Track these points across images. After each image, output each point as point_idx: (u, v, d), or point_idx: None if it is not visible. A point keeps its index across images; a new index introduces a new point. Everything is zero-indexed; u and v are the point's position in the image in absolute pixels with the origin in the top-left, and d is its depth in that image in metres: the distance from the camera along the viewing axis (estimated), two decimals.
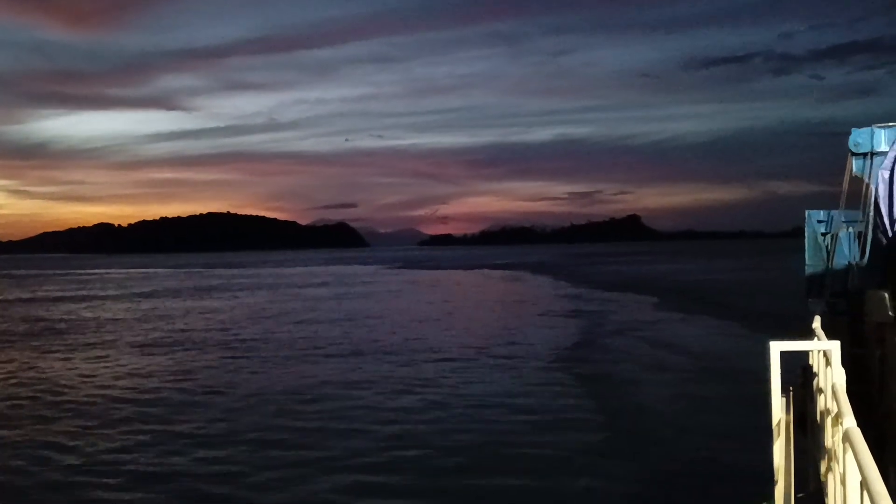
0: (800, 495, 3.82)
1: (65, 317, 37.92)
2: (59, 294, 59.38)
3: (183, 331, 29.84)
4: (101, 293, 59.46)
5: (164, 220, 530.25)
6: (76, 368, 20.87)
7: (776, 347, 3.59)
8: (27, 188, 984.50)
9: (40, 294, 59.98)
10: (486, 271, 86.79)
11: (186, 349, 24.30)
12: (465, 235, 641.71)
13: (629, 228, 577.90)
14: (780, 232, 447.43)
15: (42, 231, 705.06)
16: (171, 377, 19.01)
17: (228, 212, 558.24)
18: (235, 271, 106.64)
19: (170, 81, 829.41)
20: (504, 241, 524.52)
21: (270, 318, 34.81)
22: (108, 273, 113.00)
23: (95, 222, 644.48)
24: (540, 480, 9.96)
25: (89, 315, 38.44)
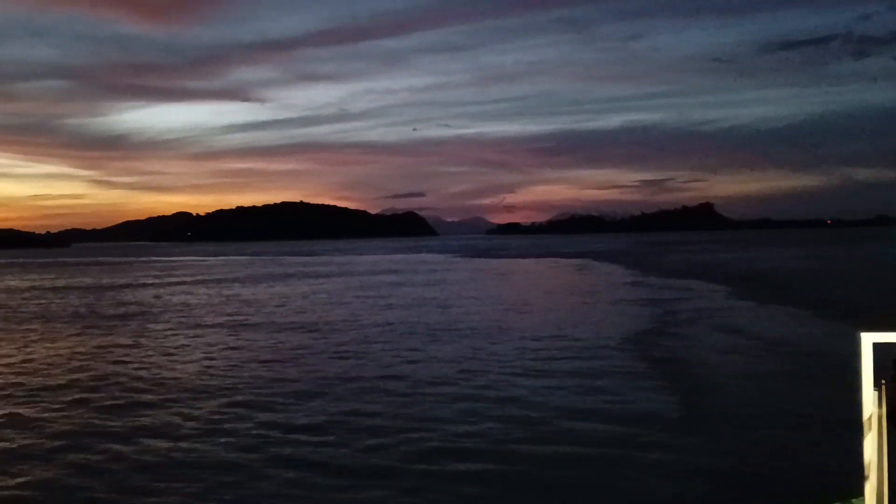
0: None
1: (154, 301, 40.17)
2: (147, 280, 62.49)
3: (267, 315, 31.31)
4: (186, 279, 62.29)
5: (239, 209, 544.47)
6: (171, 348, 22.40)
7: (868, 339, 3.38)
8: (109, 178, 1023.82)
9: (129, 280, 63.21)
10: (554, 260, 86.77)
11: (272, 332, 25.64)
12: (532, 224, 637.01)
13: (702, 217, 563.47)
14: (861, 220, 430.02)
15: (123, 220, 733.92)
16: (261, 357, 20.22)
17: (301, 201, 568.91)
18: (310, 259, 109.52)
19: (244, 73, 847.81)
20: (572, 229, 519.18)
21: (348, 303, 36.11)
22: (188, 260, 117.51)
23: (174, 211, 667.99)
24: (612, 451, 10.54)
25: (177, 300, 40.56)
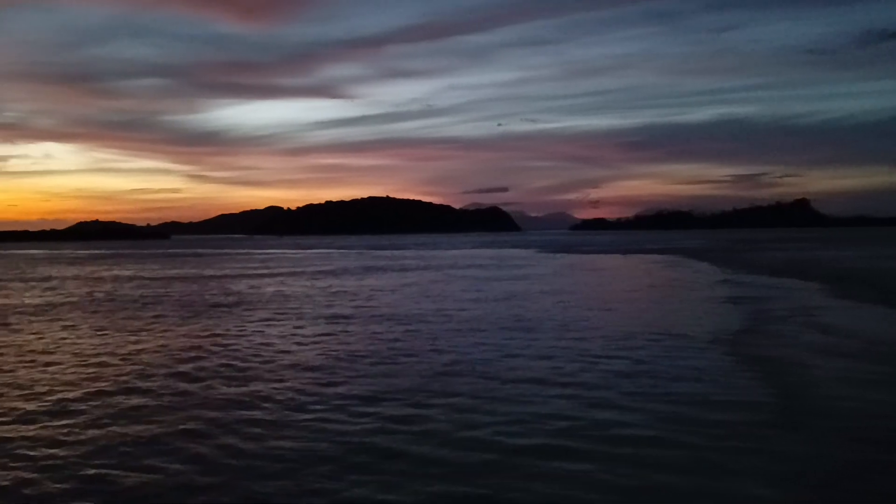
0: None
1: (252, 291, 42.14)
2: (244, 271, 65.29)
3: (359, 306, 32.47)
4: (281, 271, 64.76)
5: (328, 203, 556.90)
6: (272, 336, 23.70)
7: None
8: (205, 173, 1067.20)
9: (228, 271, 66.17)
10: (641, 256, 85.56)
11: (366, 323, 26.70)
12: (618, 220, 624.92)
13: (797, 213, 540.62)
14: None
15: (218, 213, 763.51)
16: (359, 345, 21.24)
17: (387, 196, 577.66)
18: (395, 252, 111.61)
19: (334, 70, 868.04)
20: (660, 225, 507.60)
21: (438, 295, 36.98)
22: (280, 253, 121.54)
23: (266, 205, 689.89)
24: (710, 455, 10.70)
25: (273, 290, 42.39)
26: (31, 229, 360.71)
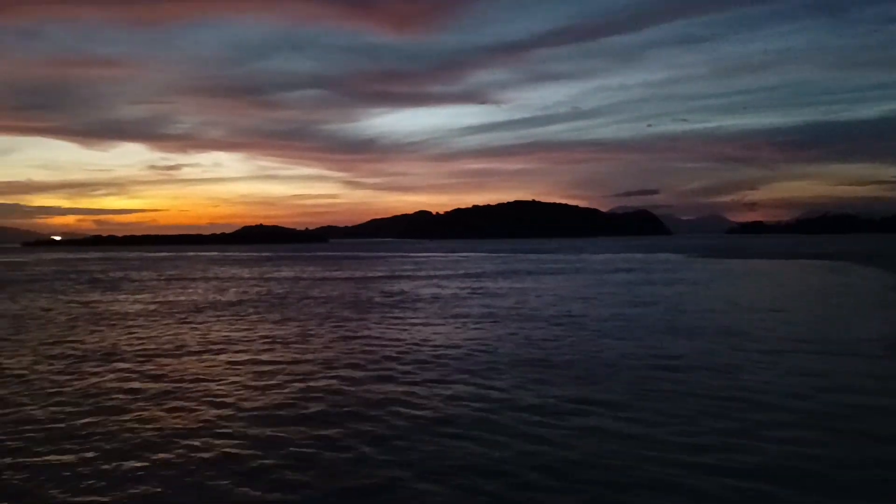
0: None
1: (409, 291, 44.42)
2: (399, 273, 68.39)
3: (513, 307, 33.66)
4: (434, 273, 67.31)
5: (475, 207, 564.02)
6: (438, 334, 25.36)
7: None
8: (358, 179, 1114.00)
9: (385, 273, 69.56)
10: (805, 261, 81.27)
11: (521, 322, 27.85)
12: (777, 223, 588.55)
13: None
14: None
15: (371, 218, 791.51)
16: (515, 345, 22.39)
17: (533, 200, 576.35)
18: (543, 256, 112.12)
19: (481, 76, 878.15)
20: (823, 229, 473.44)
21: (587, 298, 37.52)
22: (431, 256, 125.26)
23: (416, 210, 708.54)
24: (878, 453, 10.89)
25: (428, 291, 44.49)
26: (201, 233, 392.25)
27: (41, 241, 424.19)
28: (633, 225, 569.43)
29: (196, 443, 11.87)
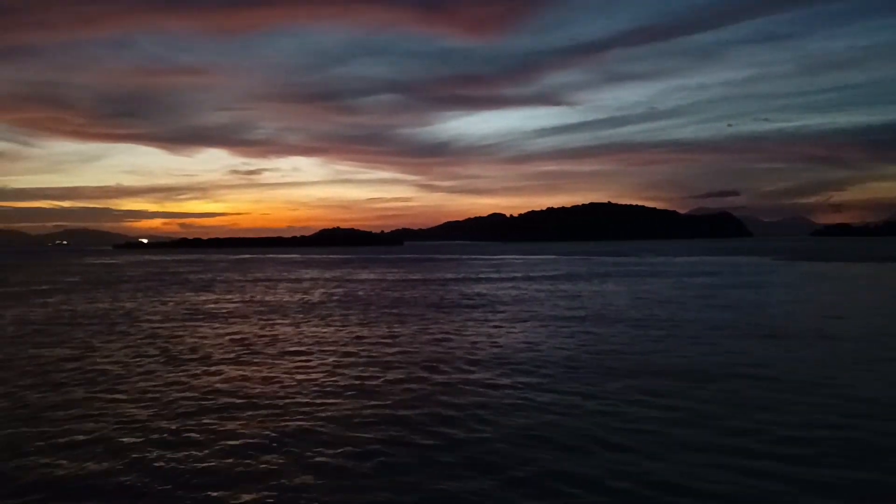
0: None
1: (488, 293, 44.86)
2: (476, 275, 68.92)
3: (594, 309, 33.72)
4: (510, 275, 67.58)
5: (549, 209, 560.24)
6: (515, 334, 25.76)
7: None
8: (432, 182, 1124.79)
9: (461, 275, 70.22)
10: (892, 265, 77.94)
11: (602, 323, 27.96)
12: (865, 225, 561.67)
13: None
14: None
15: (445, 220, 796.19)
16: (601, 345, 22.58)
17: (609, 201, 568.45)
18: (620, 259, 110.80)
19: (555, 78, 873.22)
20: None
21: (667, 301, 37.19)
22: (506, 258, 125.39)
23: (489, 212, 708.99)
24: None
25: (507, 293, 44.82)
26: (281, 236, 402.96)
27: (130, 244, 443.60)
28: (713, 227, 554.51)
29: (294, 448, 12.13)
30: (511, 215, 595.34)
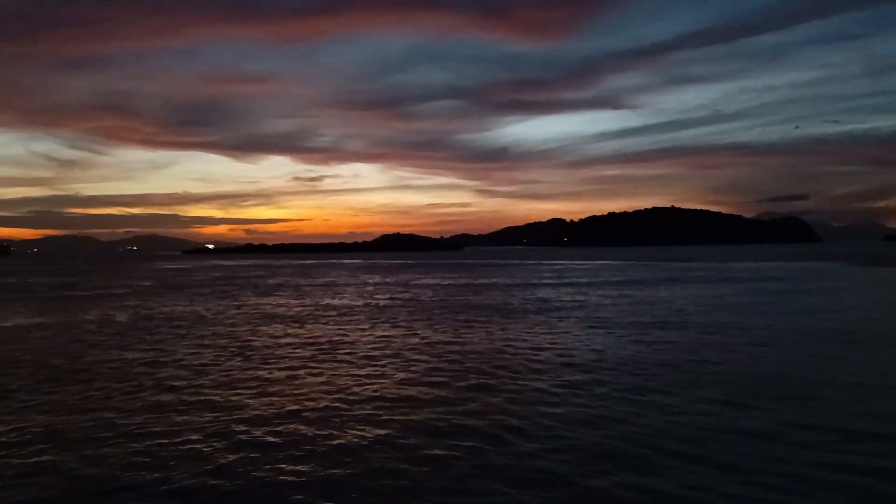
0: None
1: (552, 298, 44.84)
2: (539, 280, 68.84)
3: (664, 315, 33.48)
4: (573, 280, 67.25)
5: (611, 214, 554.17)
6: (575, 340, 25.83)
7: None
8: (492, 188, 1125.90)
9: (524, 280, 70.25)
10: None
11: (669, 329, 27.80)
12: None
13: None
14: None
15: (504, 226, 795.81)
16: (670, 353, 22.52)
17: (672, 206, 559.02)
18: (685, 264, 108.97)
19: (616, 81, 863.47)
20: None
21: (735, 307, 36.62)
22: (568, 263, 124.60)
23: (549, 217, 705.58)
24: None
25: (572, 299, 44.71)
26: (343, 241, 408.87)
27: (198, 249, 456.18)
28: (781, 232, 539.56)
29: (369, 454, 12.37)
30: (571, 220, 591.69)
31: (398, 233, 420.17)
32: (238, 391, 17.01)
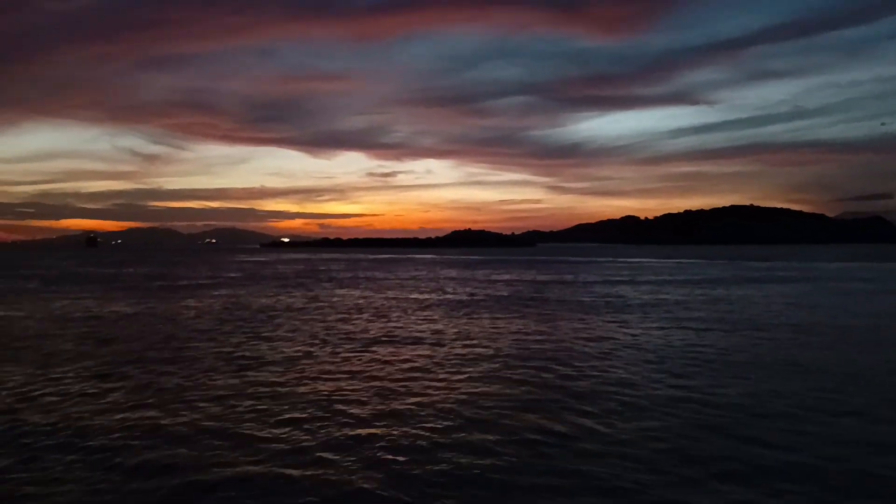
0: None
1: (628, 295, 44.96)
2: (614, 277, 68.71)
3: (744, 313, 33.45)
4: (650, 278, 66.88)
5: (686, 212, 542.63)
6: (671, 337, 26.22)
7: None
8: (563, 184, 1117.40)
9: (598, 277, 70.24)
10: None
11: (759, 329, 27.93)
12: None
13: None
14: None
15: (576, 223, 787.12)
16: (746, 353, 22.80)
17: (751, 204, 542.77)
18: (768, 263, 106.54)
19: (692, 77, 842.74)
20: None
21: (816, 307, 36.19)
22: (642, 261, 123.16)
23: (622, 215, 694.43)
24: None
25: (649, 297, 44.69)
26: (415, 237, 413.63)
27: (275, 243, 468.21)
28: (865, 231, 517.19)
29: (443, 454, 12.96)
30: (645, 218, 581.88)
31: (469, 229, 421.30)
32: (350, 382, 18.28)
